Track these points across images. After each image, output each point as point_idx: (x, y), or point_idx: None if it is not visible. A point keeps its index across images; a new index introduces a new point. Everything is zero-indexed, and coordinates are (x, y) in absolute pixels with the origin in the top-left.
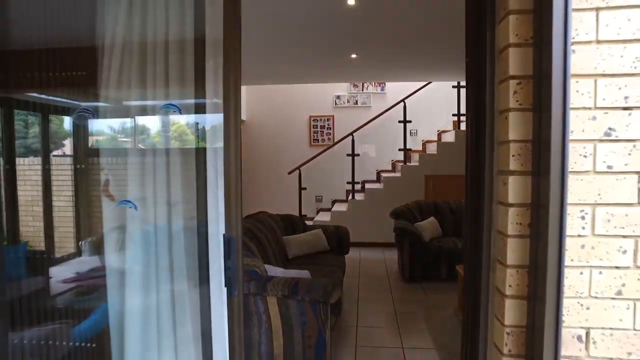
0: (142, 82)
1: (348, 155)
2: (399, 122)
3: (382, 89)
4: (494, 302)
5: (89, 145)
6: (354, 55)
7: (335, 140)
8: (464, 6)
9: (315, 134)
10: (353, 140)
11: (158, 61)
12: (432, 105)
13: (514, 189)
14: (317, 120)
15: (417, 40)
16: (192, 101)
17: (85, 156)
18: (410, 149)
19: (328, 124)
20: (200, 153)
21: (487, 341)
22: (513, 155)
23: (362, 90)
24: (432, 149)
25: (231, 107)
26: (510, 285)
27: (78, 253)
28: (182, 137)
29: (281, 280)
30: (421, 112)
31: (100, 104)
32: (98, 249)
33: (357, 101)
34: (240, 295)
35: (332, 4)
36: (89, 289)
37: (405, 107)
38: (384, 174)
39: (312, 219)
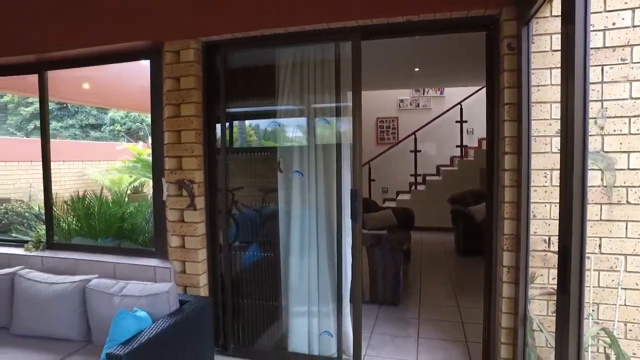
0: (305, 95)
1: (411, 151)
2: (456, 122)
3: (441, 93)
4: (500, 227)
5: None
6: (417, 69)
7: (399, 139)
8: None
9: (381, 134)
10: (415, 139)
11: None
12: None
13: (508, 161)
14: (383, 122)
15: (466, 58)
16: (332, 105)
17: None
18: (466, 146)
19: (393, 125)
20: (338, 136)
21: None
22: (507, 144)
23: (423, 94)
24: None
25: (357, 107)
26: (506, 212)
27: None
28: (326, 132)
29: (369, 234)
30: (477, 112)
31: (282, 108)
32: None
33: (418, 104)
34: (360, 223)
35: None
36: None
37: (461, 108)
38: (442, 168)
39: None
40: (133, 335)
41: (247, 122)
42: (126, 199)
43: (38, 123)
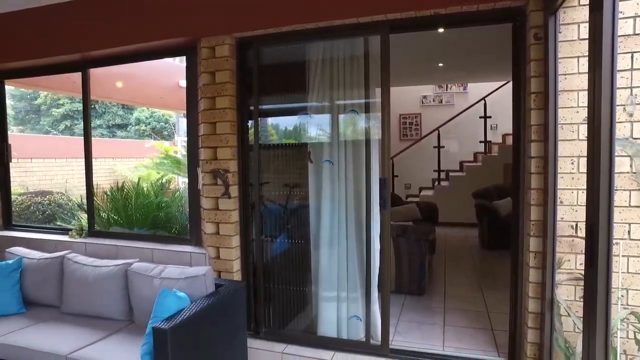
0: (335, 95)
1: (434, 147)
2: (480, 117)
3: (465, 89)
4: (526, 214)
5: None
6: (440, 64)
7: (422, 135)
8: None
9: (404, 130)
10: (439, 134)
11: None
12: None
13: (535, 148)
14: (406, 118)
15: (490, 52)
16: (362, 101)
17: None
18: (490, 142)
19: (416, 121)
20: (367, 127)
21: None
22: (533, 132)
23: (446, 90)
24: (511, 140)
25: (385, 95)
26: (533, 199)
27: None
28: (355, 124)
29: (395, 225)
30: (502, 108)
31: (312, 104)
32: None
33: (441, 100)
34: (388, 210)
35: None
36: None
37: (485, 104)
38: (466, 164)
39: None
40: (174, 312)
41: (269, 120)
42: (163, 189)
43: (68, 123)
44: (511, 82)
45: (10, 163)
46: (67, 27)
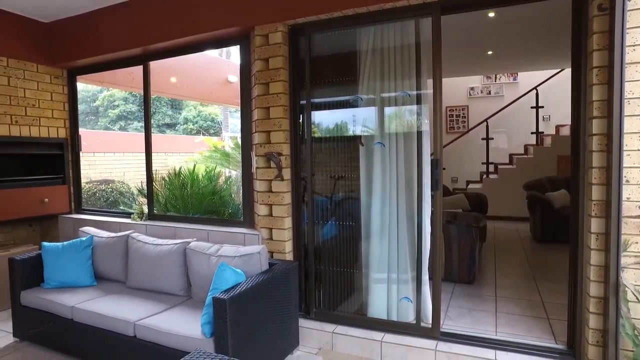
0: (385, 78)
1: (483, 139)
2: (531, 107)
3: (515, 79)
4: (587, 193)
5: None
6: (490, 52)
7: (469, 128)
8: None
9: (450, 122)
10: (487, 126)
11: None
12: (568, 91)
13: (597, 125)
14: (453, 110)
15: (544, 35)
16: (413, 82)
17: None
18: (542, 133)
19: (463, 113)
20: (418, 109)
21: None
22: (595, 108)
23: (495, 81)
24: (566, 131)
25: (437, 80)
26: (594, 178)
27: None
28: (406, 115)
29: (444, 212)
30: (555, 97)
31: (363, 86)
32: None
33: (490, 91)
34: (440, 191)
35: (477, 15)
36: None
37: (537, 94)
38: (516, 156)
39: None
40: (232, 286)
41: (320, 105)
42: (216, 177)
43: (123, 123)
44: (565, 70)
45: (80, 153)
46: (130, 23)
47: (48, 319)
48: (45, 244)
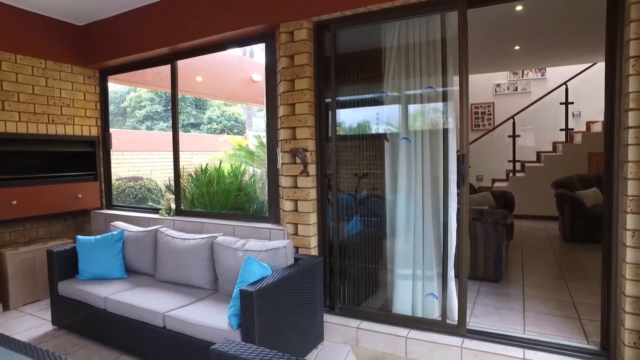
0: (410, 75)
1: (509, 136)
2: (561, 103)
3: (543, 75)
4: (622, 189)
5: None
6: (517, 47)
7: (495, 125)
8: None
9: (476, 120)
10: (514, 123)
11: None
12: (599, 86)
13: (633, 117)
14: (478, 108)
15: (574, 28)
16: (439, 89)
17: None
18: (572, 129)
19: (488, 110)
20: (443, 104)
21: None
22: (631, 100)
23: (522, 77)
24: (597, 127)
25: (463, 90)
26: (630, 172)
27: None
28: (432, 112)
29: (470, 208)
30: (586, 93)
31: (388, 82)
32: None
33: (516, 88)
34: (467, 186)
35: (504, 10)
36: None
37: (567, 89)
38: (543, 154)
39: None
40: (258, 279)
41: (345, 102)
42: (241, 174)
43: (149, 123)
44: (597, 64)
45: (110, 150)
46: (159, 24)
47: (83, 308)
48: (79, 237)
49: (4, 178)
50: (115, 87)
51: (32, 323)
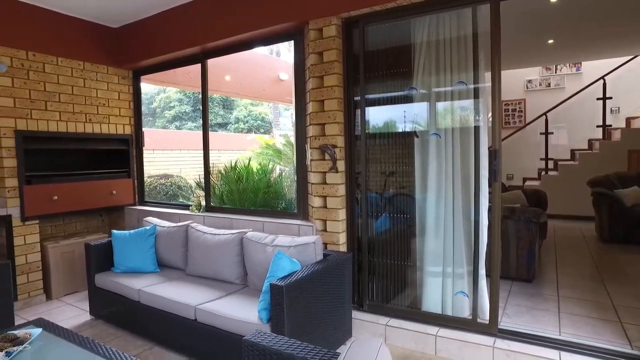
0: (441, 71)
1: (541, 133)
2: (598, 99)
3: (578, 69)
4: None
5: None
6: (550, 41)
7: (526, 122)
8: None
9: (506, 117)
10: (546, 120)
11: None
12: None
13: None
14: (508, 105)
15: (617, 19)
16: (470, 85)
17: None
18: (610, 126)
19: (519, 107)
20: (475, 99)
21: None
22: None
23: (555, 72)
24: (638, 124)
25: (495, 85)
26: None
27: None
28: (463, 108)
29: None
30: (626, 87)
31: (418, 78)
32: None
33: (549, 84)
34: (499, 182)
35: (538, 1)
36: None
37: (605, 84)
38: (578, 152)
39: None
40: (288, 274)
41: (375, 99)
42: (270, 171)
43: (178, 124)
44: (638, 56)
45: (143, 148)
46: (190, 24)
47: (118, 300)
48: (114, 231)
49: (46, 174)
50: (145, 88)
51: (71, 312)
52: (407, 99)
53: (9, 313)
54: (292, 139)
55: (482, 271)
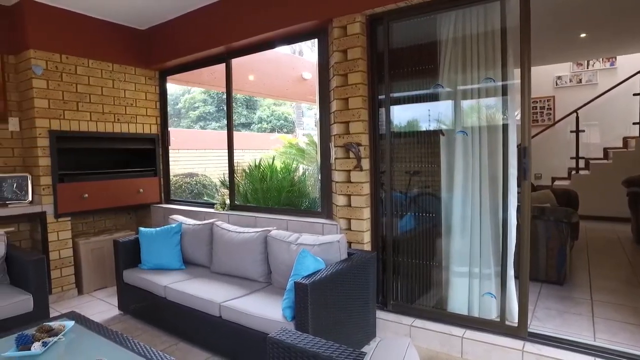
0: (467, 68)
1: (572, 132)
2: (634, 94)
3: (612, 64)
4: None
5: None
6: (583, 35)
7: (556, 120)
8: None
9: (534, 115)
10: (577, 118)
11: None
12: None
13: None
14: (536, 102)
15: None
16: (499, 82)
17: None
18: None
19: (548, 105)
20: (503, 96)
21: None
22: None
23: (587, 68)
24: None
25: (525, 81)
26: None
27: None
28: (491, 105)
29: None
30: None
31: (444, 75)
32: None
33: (580, 80)
34: (529, 181)
35: None
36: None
37: None
38: (612, 150)
39: None
40: (312, 272)
41: (399, 98)
42: (293, 170)
43: (202, 124)
44: None
45: (169, 147)
46: (215, 24)
47: (145, 296)
48: (141, 229)
49: (77, 173)
50: (170, 89)
51: (101, 307)
52: (433, 97)
53: (45, 305)
54: (315, 139)
55: (511, 272)
